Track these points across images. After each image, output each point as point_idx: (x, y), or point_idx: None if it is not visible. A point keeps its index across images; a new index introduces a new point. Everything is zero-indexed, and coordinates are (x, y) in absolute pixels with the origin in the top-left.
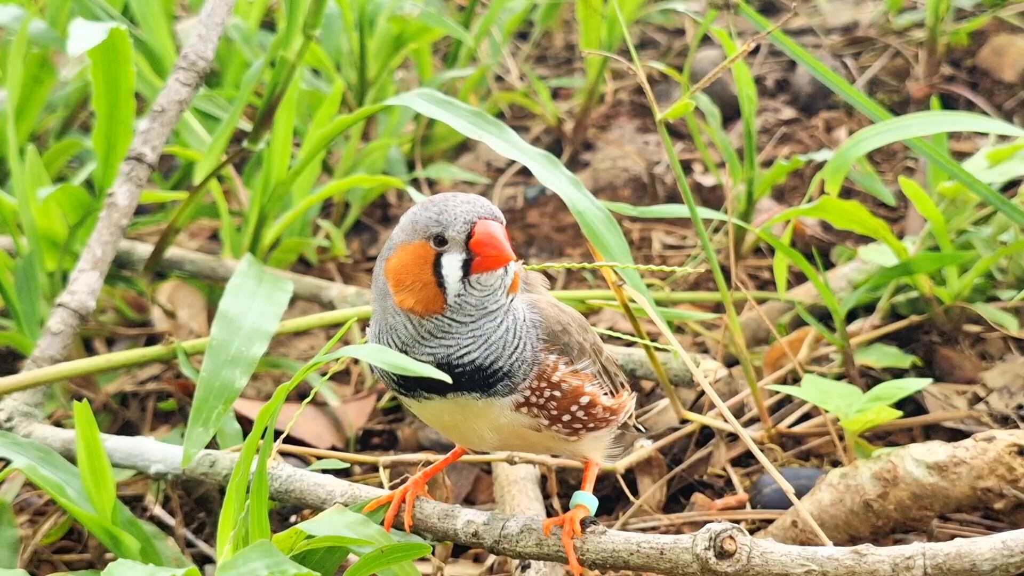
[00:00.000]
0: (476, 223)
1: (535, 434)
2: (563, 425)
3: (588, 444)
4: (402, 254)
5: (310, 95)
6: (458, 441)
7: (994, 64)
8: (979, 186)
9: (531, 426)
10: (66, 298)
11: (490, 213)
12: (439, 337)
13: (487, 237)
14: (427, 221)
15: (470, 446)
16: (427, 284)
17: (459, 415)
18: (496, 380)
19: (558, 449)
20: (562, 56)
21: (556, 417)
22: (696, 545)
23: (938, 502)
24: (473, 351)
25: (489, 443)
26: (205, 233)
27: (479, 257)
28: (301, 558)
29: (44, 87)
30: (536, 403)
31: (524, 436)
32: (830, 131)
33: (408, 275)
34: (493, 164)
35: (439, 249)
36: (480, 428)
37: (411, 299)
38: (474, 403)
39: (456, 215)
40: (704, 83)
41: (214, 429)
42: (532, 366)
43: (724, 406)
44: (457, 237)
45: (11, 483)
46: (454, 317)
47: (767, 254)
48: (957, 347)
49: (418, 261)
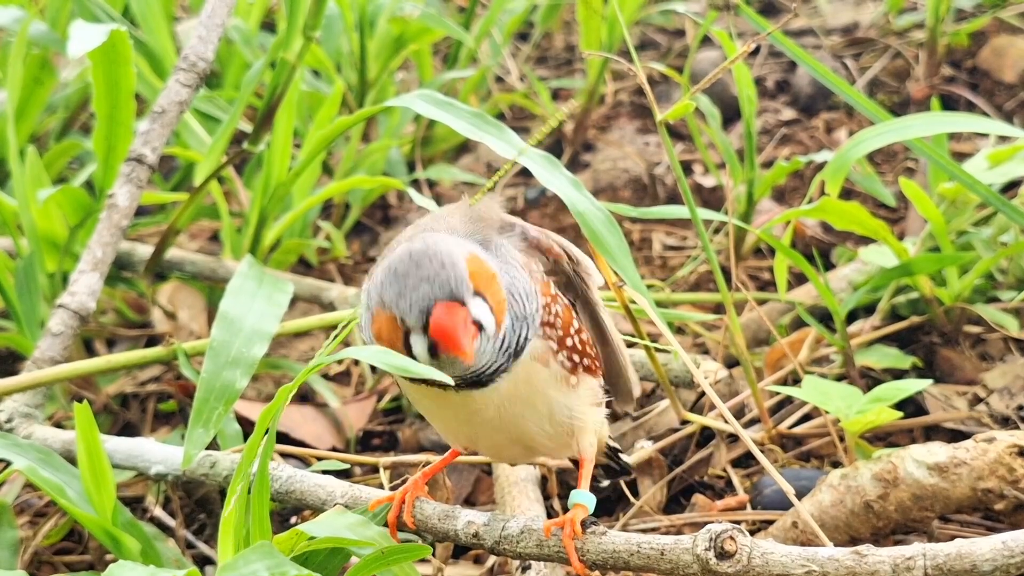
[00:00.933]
0: (432, 311)
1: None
2: (568, 352)
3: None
4: (379, 321)
5: (310, 96)
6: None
7: (994, 65)
8: (979, 187)
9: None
10: (66, 299)
11: (447, 294)
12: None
13: (440, 333)
14: (391, 301)
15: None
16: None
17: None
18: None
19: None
20: (562, 57)
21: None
22: (696, 546)
23: (938, 503)
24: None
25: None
26: (205, 234)
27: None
28: (302, 559)
29: (44, 88)
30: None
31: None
32: (830, 132)
33: (387, 343)
34: (493, 165)
35: (405, 328)
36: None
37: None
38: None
39: (412, 303)
40: (704, 84)
41: (214, 430)
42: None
43: (724, 407)
44: (415, 326)
45: (11, 484)
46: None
47: (767, 255)
48: (957, 348)
49: (392, 333)
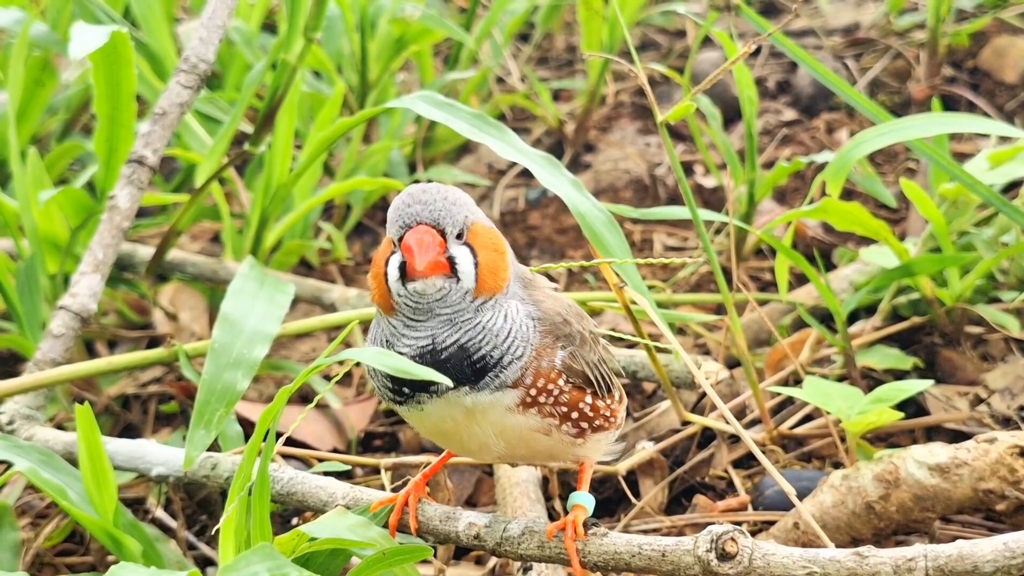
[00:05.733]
0: (411, 228)
1: (544, 439)
2: (572, 424)
3: (591, 447)
4: (380, 249)
5: (311, 97)
6: (461, 452)
7: (995, 65)
8: (980, 187)
9: (541, 429)
10: (68, 301)
11: (431, 218)
12: (411, 330)
13: (406, 244)
14: (391, 218)
15: (474, 456)
16: (379, 279)
17: (461, 420)
18: (485, 367)
19: (562, 455)
20: (563, 58)
21: (566, 415)
22: (698, 547)
23: (940, 504)
24: (454, 335)
25: (494, 452)
26: (206, 236)
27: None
28: (303, 561)
29: (46, 90)
30: (546, 402)
31: (532, 442)
32: (831, 132)
33: (374, 267)
34: (494, 166)
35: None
36: (484, 434)
37: (375, 293)
38: (473, 404)
39: (399, 218)
40: (705, 85)
41: (216, 432)
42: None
43: (726, 408)
44: (394, 238)
45: (13, 486)
46: (407, 316)
47: (768, 256)
48: (959, 348)
49: (381, 255)
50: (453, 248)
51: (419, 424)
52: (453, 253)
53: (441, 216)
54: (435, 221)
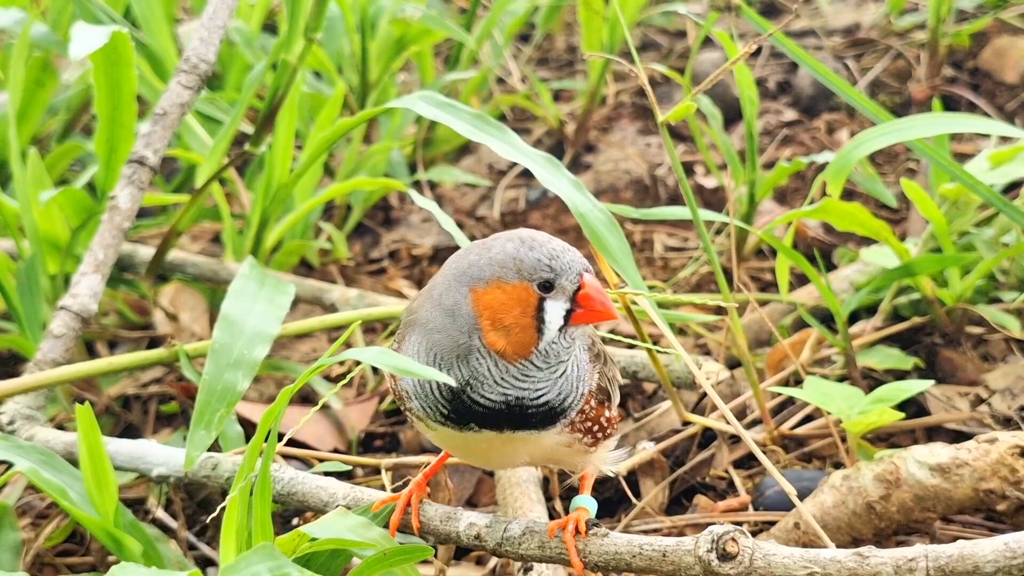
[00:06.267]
0: (584, 275)
1: (566, 450)
2: (591, 436)
3: (600, 454)
4: (499, 293)
5: (312, 98)
6: (481, 465)
7: (996, 66)
8: (981, 188)
9: (567, 443)
10: (68, 301)
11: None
12: (519, 380)
13: (597, 293)
14: (535, 264)
15: (488, 467)
16: (525, 328)
17: (498, 444)
18: (561, 417)
19: (574, 462)
20: (564, 58)
21: (589, 429)
22: (698, 547)
23: (940, 504)
24: (549, 393)
25: (516, 465)
26: (207, 236)
27: (583, 310)
28: (304, 561)
29: (46, 90)
30: (582, 422)
31: (555, 454)
32: (832, 133)
33: (508, 316)
34: (495, 166)
35: (543, 295)
36: (515, 453)
37: (503, 341)
38: (525, 435)
39: (569, 264)
40: (706, 85)
41: (216, 432)
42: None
43: (726, 408)
44: (568, 287)
45: (13, 486)
46: (537, 362)
47: (769, 256)
48: (959, 349)
49: (519, 304)
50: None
51: (444, 441)
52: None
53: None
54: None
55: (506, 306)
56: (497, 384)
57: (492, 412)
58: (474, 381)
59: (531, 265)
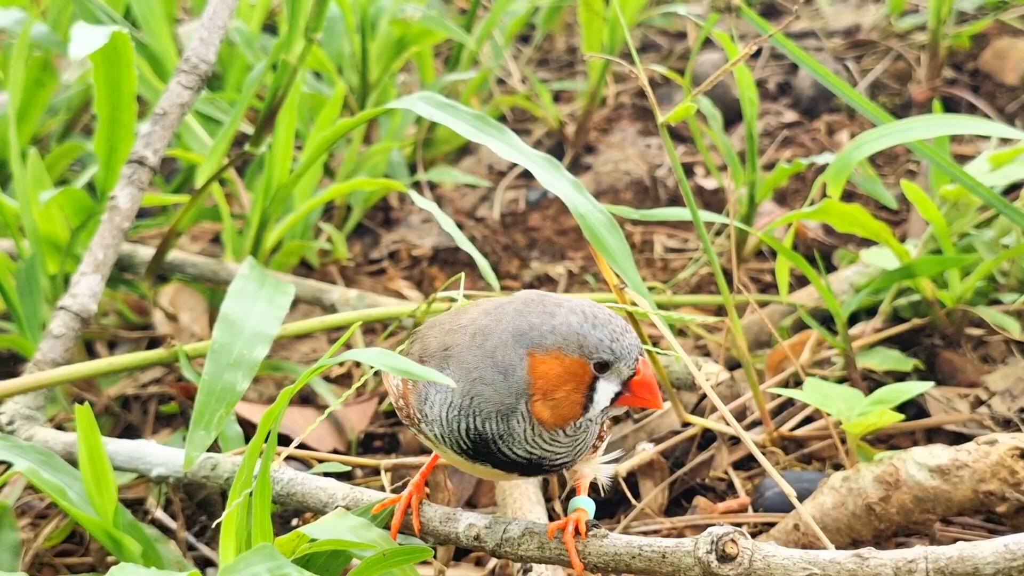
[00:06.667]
0: (639, 360)
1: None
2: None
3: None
4: (557, 365)
5: (312, 98)
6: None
7: (996, 67)
8: (981, 189)
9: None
10: (68, 301)
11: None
12: (547, 444)
13: (650, 381)
14: (597, 344)
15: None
16: (574, 404)
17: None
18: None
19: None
20: (564, 59)
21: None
22: (698, 548)
23: (940, 505)
24: (567, 456)
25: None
26: (207, 236)
27: (631, 395)
28: (303, 562)
29: (46, 90)
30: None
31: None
32: (832, 134)
33: (559, 389)
34: (495, 167)
35: (597, 374)
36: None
37: (548, 411)
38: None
39: (628, 349)
40: (706, 86)
41: (216, 432)
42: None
43: (726, 409)
44: (624, 372)
45: (13, 486)
46: (568, 431)
47: (769, 257)
48: (959, 350)
49: (573, 379)
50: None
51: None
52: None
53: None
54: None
55: (561, 379)
56: (526, 443)
57: (512, 463)
58: (507, 437)
59: (594, 344)
